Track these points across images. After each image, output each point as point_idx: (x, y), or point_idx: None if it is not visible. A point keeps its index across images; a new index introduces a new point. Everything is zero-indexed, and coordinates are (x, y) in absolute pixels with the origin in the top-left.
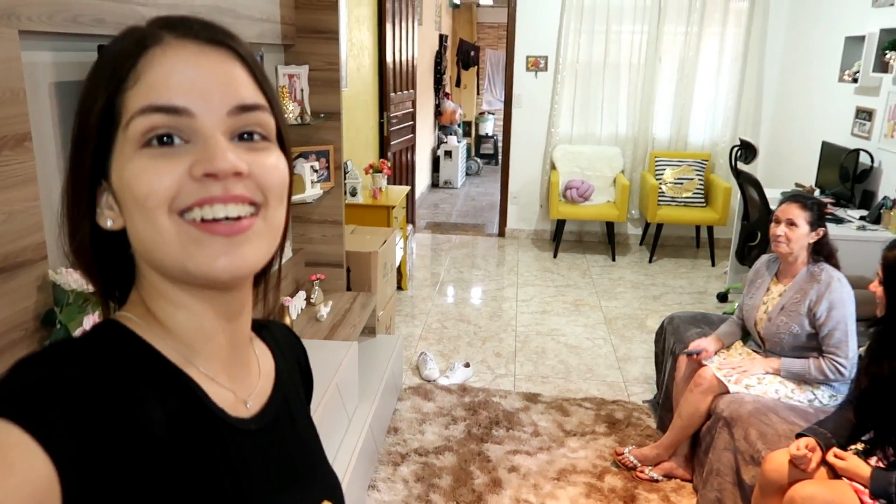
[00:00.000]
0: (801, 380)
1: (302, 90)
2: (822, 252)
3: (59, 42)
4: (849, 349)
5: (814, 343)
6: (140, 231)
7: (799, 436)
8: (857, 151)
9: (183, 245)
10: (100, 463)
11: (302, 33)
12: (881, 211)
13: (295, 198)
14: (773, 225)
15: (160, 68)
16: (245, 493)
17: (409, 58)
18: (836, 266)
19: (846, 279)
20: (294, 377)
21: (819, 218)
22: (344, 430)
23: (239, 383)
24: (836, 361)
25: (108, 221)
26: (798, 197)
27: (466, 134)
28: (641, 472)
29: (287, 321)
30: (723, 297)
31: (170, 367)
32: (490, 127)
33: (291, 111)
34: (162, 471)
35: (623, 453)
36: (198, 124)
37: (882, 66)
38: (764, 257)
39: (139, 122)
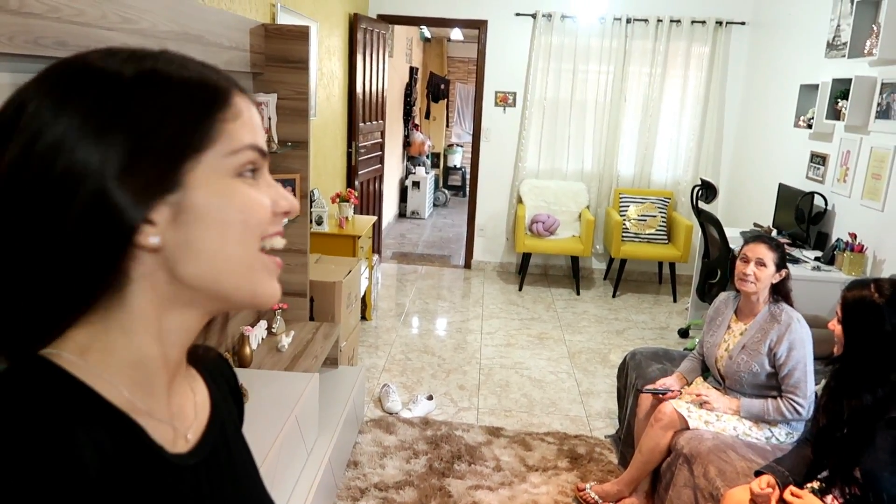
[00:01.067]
0: (760, 419)
1: (269, 118)
2: (781, 292)
3: (20, 63)
4: (807, 389)
5: (773, 382)
6: (225, 251)
7: (757, 473)
8: (811, 194)
9: (257, 271)
10: None
11: (271, 62)
12: (835, 252)
13: None
14: (740, 263)
15: (248, 112)
16: None
17: (379, 89)
18: (792, 306)
19: (804, 319)
20: (228, 402)
21: (782, 259)
22: (302, 463)
23: (176, 416)
24: (795, 401)
25: (153, 238)
26: (765, 238)
27: (435, 165)
28: None
29: (247, 351)
30: (684, 333)
31: (105, 405)
32: (458, 159)
33: None
34: None
35: (585, 489)
36: (264, 164)
37: (834, 114)
38: (723, 295)
39: (246, 154)
